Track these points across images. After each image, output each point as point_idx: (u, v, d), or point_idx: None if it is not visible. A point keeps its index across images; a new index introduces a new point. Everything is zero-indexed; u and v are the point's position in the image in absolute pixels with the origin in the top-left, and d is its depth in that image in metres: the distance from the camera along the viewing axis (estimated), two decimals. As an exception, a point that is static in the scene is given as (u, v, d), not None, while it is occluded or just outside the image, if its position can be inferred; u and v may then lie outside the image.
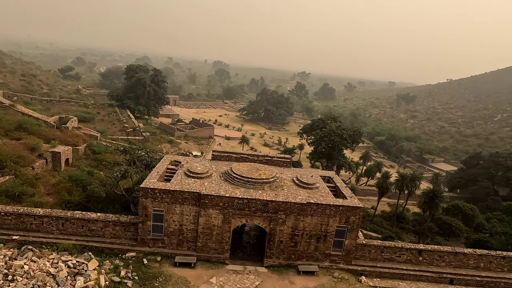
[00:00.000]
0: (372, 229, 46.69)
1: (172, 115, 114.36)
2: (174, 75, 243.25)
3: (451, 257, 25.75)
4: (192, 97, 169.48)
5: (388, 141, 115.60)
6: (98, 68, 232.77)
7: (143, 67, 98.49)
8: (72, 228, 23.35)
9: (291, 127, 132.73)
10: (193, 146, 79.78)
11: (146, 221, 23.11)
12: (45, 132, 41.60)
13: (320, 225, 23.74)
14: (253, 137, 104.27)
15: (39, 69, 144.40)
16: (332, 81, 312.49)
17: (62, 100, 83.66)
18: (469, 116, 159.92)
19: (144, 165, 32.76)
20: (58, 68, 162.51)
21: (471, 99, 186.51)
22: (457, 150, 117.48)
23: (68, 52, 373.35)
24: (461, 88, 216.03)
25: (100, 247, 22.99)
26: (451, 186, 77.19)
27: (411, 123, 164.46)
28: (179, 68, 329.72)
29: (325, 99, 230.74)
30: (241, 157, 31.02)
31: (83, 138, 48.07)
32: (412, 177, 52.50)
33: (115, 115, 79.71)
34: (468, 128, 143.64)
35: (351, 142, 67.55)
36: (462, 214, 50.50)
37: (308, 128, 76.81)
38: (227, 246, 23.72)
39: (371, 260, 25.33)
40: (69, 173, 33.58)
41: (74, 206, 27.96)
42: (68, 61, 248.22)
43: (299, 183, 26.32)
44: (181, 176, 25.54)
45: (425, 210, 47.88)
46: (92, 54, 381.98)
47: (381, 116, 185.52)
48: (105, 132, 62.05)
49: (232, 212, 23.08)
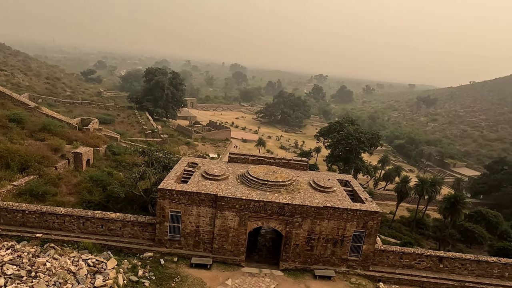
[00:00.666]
0: (390, 234, 45.73)
1: (189, 117, 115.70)
2: (192, 78, 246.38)
3: (473, 265, 24.90)
4: (209, 100, 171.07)
5: (407, 145, 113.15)
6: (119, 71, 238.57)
7: (162, 70, 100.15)
8: (92, 227, 23.92)
9: (308, 130, 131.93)
10: (210, 148, 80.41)
11: (163, 222, 23.42)
12: (67, 134, 42.80)
13: (337, 229, 23.45)
14: (269, 140, 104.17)
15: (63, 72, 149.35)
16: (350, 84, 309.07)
17: (84, 102, 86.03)
18: (493, 119, 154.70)
19: (162, 167, 33.27)
20: (81, 71, 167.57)
21: (496, 102, 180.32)
22: (480, 154, 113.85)
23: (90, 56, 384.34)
24: (485, 91, 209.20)
25: (119, 247, 23.44)
26: (474, 191, 74.80)
27: (431, 126, 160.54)
28: (197, 71, 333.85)
29: (342, 101, 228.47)
30: (258, 159, 31.05)
31: (104, 139, 49.18)
32: (432, 182, 51.13)
33: (134, 117, 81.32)
34: (492, 132, 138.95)
35: (369, 145, 66.51)
36: (486, 221, 48.82)
37: (325, 131, 76.15)
38: (243, 249, 23.75)
39: (389, 266, 24.80)
40: (90, 174, 34.40)
41: (94, 206, 28.61)
42: (90, 64, 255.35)
43: (316, 187, 26.09)
44: (198, 178, 25.78)
45: (446, 216, 46.49)
46: (113, 58, 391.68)
47: (400, 119, 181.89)
48: (125, 134, 63.34)
49: (248, 214, 23.10)
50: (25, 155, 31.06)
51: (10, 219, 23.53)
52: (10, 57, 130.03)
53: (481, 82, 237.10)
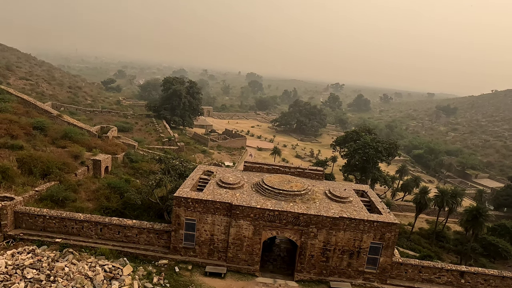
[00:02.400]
0: (409, 247, 44.47)
1: (205, 125, 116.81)
2: (209, 87, 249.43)
3: (497, 281, 23.90)
4: (225, 108, 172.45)
5: (426, 155, 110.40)
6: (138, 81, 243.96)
7: (179, 79, 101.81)
8: (109, 234, 24.30)
9: (324, 139, 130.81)
10: (226, 157, 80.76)
11: (178, 230, 23.57)
12: (87, 141, 43.90)
13: (353, 240, 23.02)
14: (285, 149, 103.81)
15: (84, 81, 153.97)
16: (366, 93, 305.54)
17: (103, 110, 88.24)
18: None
19: (178, 174, 33.63)
20: (101, 80, 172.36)
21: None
22: (503, 165, 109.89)
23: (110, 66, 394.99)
24: (508, 100, 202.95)
25: (135, 253, 23.70)
26: (497, 204, 72.03)
27: (451, 136, 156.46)
28: (213, 80, 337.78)
29: (359, 110, 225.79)
30: (273, 168, 30.99)
31: (122, 147, 50.17)
32: (453, 193, 49.65)
33: (152, 125, 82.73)
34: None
35: (386, 155, 65.32)
36: (510, 235, 46.88)
37: (342, 140, 75.35)
38: (257, 258, 23.59)
39: (407, 280, 24.10)
40: (108, 180, 35.10)
41: (111, 212, 29.10)
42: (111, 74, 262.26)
43: (332, 197, 25.78)
44: (213, 186, 25.91)
45: (468, 229, 44.96)
46: (132, 67, 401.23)
47: (419, 128, 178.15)
48: (142, 142, 64.44)
49: (263, 223, 23.00)
50: (47, 161, 31.99)
51: (32, 224, 24.19)
52: (36, 67, 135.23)
53: (503, 91, 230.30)
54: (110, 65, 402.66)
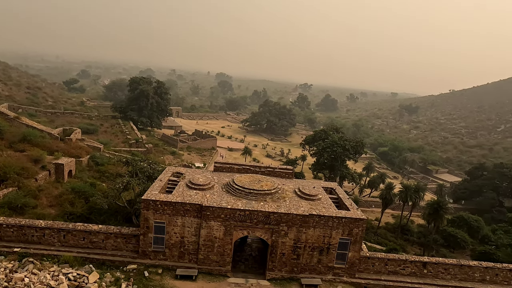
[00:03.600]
0: (376, 241, 46.11)
1: (175, 126, 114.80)
2: (177, 87, 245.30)
3: (456, 269, 25.35)
4: (195, 109, 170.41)
5: (391, 152, 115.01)
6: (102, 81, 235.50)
7: (147, 79, 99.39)
8: (73, 240, 23.28)
9: (294, 138, 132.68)
10: (196, 158, 79.79)
11: (147, 233, 23.02)
12: (48, 144, 41.81)
13: (322, 237, 23.53)
14: (255, 148, 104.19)
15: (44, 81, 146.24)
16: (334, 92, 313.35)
17: (66, 112, 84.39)
18: (472, 126, 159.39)
19: (146, 177, 32.77)
20: (63, 80, 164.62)
21: (474, 109, 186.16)
22: (461, 161, 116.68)
23: (73, 65, 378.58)
24: (464, 99, 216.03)
25: (101, 259, 22.88)
26: (456, 197, 76.38)
27: (414, 134, 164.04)
28: (182, 80, 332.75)
29: (327, 110, 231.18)
30: (243, 168, 31.02)
31: (86, 149, 48.25)
32: (416, 188, 52.05)
33: (118, 126, 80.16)
34: (471, 139, 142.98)
35: (353, 153, 67.35)
36: (467, 226, 49.81)
37: (311, 139, 76.78)
38: (228, 259, 23.53)
39: (375, 273, 24.97)
40: (72, 185, 33.62)
41: (76, 218, 27.92)
42: (73, 74, 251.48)
43: (301, 195, 26.20)
44: (183, 187, 25.54)
45: (430, 221, 47.33)
46: (97, 67, 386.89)
47: (384, 127, 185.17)
48: (108, 144, 62.32)
49: (234, 224, 22.97)
50: (4, 166, 30.14)
51: (-13, 234, 22.68)
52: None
53: (460, 91, 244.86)
54: (72, 65, 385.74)
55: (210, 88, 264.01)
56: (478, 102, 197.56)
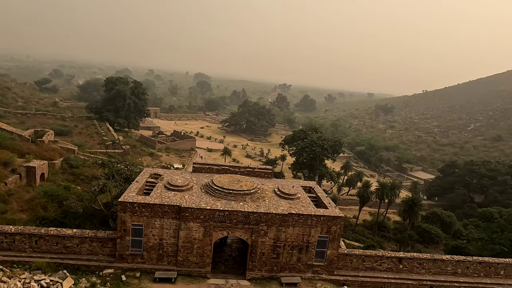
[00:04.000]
0: (354, 238, 47.02)
1: (153, 127, 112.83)
2: (155, 87, 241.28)
3: (430, 264, 26.22)
4: (173, 109, 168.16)
5: (368, 151, 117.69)
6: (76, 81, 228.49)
7: (123, 80, 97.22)
8: (46, 246, 22.46)
9: (273, 139, 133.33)
10: (175, 159, 78.74)
11: (124, 236, 22.53)
12: (19, 146, 40.12)
13: (302, 235, 23.77)
14: (235, 149, 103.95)
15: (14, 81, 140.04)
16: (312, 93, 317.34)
17: (38, 113, 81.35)
18: (444, 126, 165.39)
19: (123, 179, 32.03)
20: (35, 80, 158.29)
21: (446, 109, 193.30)
22: (434, 158, 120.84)
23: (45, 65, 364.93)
24: (436, 99, 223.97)
25: (76, 265, 22.21)
26: (429, 194, 78.97)
27: (389, 133, 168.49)
28: (160, 80, 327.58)
29: (306, 110, 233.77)
30: (222, 169, 30.90)
31: (60, 152, 46.66)
32: (391, 186, 53.46)
33: (93, 128, 77.97)
34: (443, 138, 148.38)
35: (332, 152, 68.43)
36: (441, 222, 51.62)
37: (290, 139, 77.41)
38: (208, 260, 23.37)
39: (353, 269, 25.47)
40: (44, 188, 32.39)
41: (49, 223, 26.95)
42: (45, 73, 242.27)
43: (281, 194, 26.37)
44: (161, 189, 25.16)
45: (405, 218, 48.69)
46: (70, 67, 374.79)
47: (360, 126, 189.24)
48: (83, 146, 60.49)
49: (213, 224, 22.84)
50: (-30, 170, 28.71)
51: (-49, 241, 21.54)
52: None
53: (432, 91, 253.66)
54: (44, 64, 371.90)
55: (189, 88, 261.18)
56: (449, 102, 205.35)
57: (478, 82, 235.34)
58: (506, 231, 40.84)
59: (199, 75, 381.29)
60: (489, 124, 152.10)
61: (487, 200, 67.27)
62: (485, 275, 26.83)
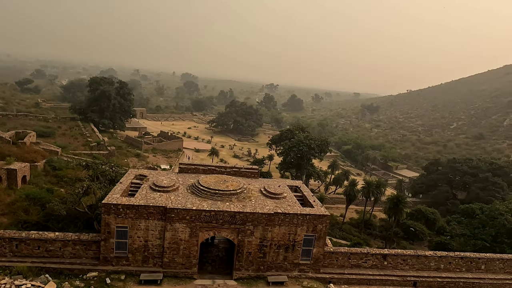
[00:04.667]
0: (341, 236, 47.51)
1: (139, 128, 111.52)
2: (141, 87, 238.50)
3: (413, 260, 26.72)
4: (160, 110, 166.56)
5: (354, 150, 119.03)
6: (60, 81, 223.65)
7: (108, 80, 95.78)
8: (27, 250, 21.97)
9: (261, 138, 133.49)
10: (162, 160, 78.01)
11: (109, 239, 22.21)
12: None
13: (288, 234, 23.89)
14: (222, 149, 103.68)
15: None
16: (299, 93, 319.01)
17: (19, 114, 79.50)
18: (428, 124, 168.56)
19: (108, 180, 31.63)
20: (16, 81, 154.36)
21: (429, 108, 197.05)
22: (418, 157, 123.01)
23: (27, 64, 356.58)
24: (420, 98, 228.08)
25: (59, 268, 21.80)
26: (414, 191, 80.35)
27: (375, 132, 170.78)
28: (146, 81, 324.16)
29: (293, 110, 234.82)
30: (209, 169, 30.79)
31: (42, 153, 45.71)
32: (377, 184, 54.19)
33: (77, 129, 76.63)
34: (427, 136, 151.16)
35: (319, 151, 68.99)
36: (425, 218, 52.58)
37: (277, 138, 77.72)
38: (195, 261, 23.25)
39: (339, 267, 25.74)
40: (26, 191, 31.69)
41: (31, 226, 26.37)
42: (27, 73, 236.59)
43: (267, 194, 26.44)
44: (146, 190, 24.90)
45: (391, 215, 49.43)
46: (53, 66, 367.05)
47: (347, 126, 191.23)
48: (67, 147, 59.38)
49: (200, 225, 22.74)
50: None
51: None
52: None
53: (416, 91, 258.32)
54: (26, 64, 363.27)
55: (176, 89, 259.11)
56: (433, 101, 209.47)
57: (460, 82, 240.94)
58: (487, 227, 41.82)
59: (186, 75, 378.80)
60: (471, 122, 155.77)
61: (469, 196, 68.82)
62: (467, 270, 27.50)
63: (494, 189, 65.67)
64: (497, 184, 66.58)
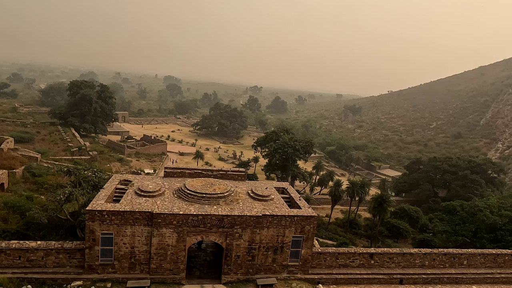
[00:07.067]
0: (327, 237, 47.87)
1: (121, 132, 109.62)
2: (123, 91, 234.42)
3: (399, 258, 27.21)
4: (142, 113, 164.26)
5: (338, 151, 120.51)
6: (38, 85, 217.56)
7: (89, 83, 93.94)
8: (7, 260, 21.17)
9: (246, 141, 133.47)
10: (145, 164, 76.82)
11: (93, 246, 21.67)
12: (-26, 156, 37.75)
13: (276, 236, 23.91)
14: (207, 152, 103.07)
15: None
16: (283, 95, 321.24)
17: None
18: (409, 124, 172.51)
19: (91, 186, 30.81)
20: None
21: (410, 109, 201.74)
22: (400, 156, 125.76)
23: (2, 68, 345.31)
24: (401, 99, 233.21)
25: (42, 278, 21.12)
26: (397, 190, 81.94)
27: (358, 132, 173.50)
28: (128, 84, 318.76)
29: (277, 112, 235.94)
30: (195, 172, 30.52)
31: (21, 160, 44.39)
32: (361, 184, 54.97)
33: (58, 134, 74.70)
34: (408, 136, 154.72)
35: (303, 153, 69.39)
36: (408, 217, 53.68)
37: (262, 140, 77.76)
38: (182, 266, 22.95)
39: (327, 267, 25.93)
40: (4, 199, 30.60)
41: (11, 236, 25.42)
42: (3, 77, 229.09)
43: (254, 196, 26.41)
44: (131, 195, 24.45)
45: (375, 214, 50.20)
46: (31, 70, 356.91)
47: (330, 127, 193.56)
48: (47, 153, 57.78)
49: (187, 229, 22.48)
50: None
51: None
52: None
53: (397, 92, 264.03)
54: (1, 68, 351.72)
55: (158, 92, 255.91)
56: (413, 102, 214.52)
57: (438, 82, 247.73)
58: (468, 223, 43.08)
59: (169, 78, 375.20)
60: (450, 122, 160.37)
61: (450, 194, 70.72)
62: (450, 266, 28.21)
63: (473, 186, 67.73)
64: (476, 181, 68.70)
